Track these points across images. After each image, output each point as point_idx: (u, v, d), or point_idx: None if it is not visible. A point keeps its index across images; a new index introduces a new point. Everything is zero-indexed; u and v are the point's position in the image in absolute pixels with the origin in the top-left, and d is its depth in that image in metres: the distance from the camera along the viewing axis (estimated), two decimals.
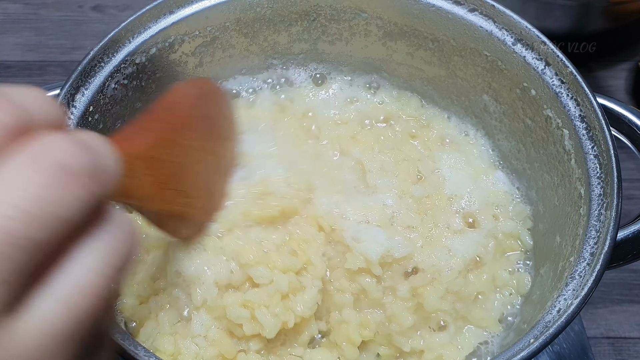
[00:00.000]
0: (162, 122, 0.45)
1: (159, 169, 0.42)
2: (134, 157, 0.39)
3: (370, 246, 0.55)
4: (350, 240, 0.55)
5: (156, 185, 0.42)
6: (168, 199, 0.45)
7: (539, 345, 0.45)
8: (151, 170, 0.41)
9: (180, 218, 0.50)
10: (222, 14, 0.66)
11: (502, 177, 0.66)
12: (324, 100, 0.71)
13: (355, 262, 0.54)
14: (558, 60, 0.59)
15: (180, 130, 0.46)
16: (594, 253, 0.51)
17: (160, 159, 0.43)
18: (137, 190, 0.40)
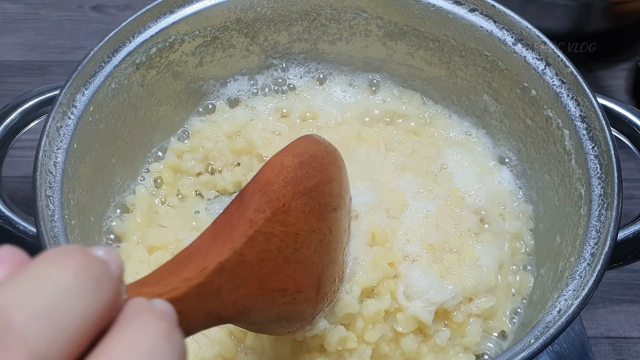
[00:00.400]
0: (253, 212, 0.36)
1: (250, 273, 0.35)
2: (216, 275, 0.32)
3: (423, 306, 0.52)
4: (401, 297, 0.53)
5: (248, 295, 0.35)
6: (265, 305, 0.37)
7: (540, 345, 0.45)
8: (240, 279, 0.34)
9: (285, 318, 0.41)
10: (222, 13, 0.66)
11: (507, 175, 0.66)
12: (324, 100, 0.71)
13: (408, 325, 0.52)
14: (558, 60, 0.59)
15: (274, 218, 0.37)
16: (594, 253, 0.51)
17: (247, 262, 0.35)
18: (228, 309, 0.33)
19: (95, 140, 0.59)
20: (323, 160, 0.43)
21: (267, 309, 0.38)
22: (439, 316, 0.54)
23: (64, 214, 0.52)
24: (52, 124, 0.54)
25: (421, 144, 0.67)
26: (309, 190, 0.40)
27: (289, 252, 0.38)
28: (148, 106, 0.65)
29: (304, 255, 0.40)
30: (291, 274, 0.39)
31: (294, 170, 0.40)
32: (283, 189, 0.38)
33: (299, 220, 0.39)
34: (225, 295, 0.33)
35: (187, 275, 0.31)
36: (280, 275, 0.38)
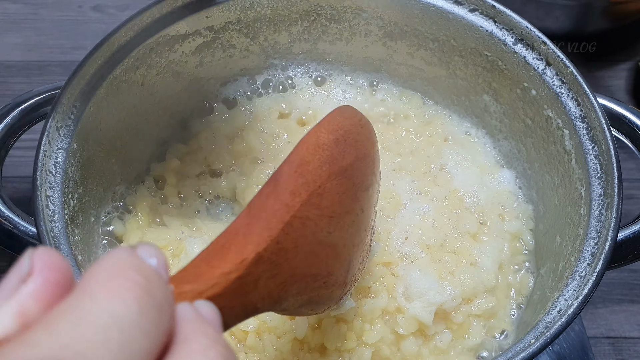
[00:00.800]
0: (289, 196, 0.34)
1: (286, 260, 0.34)
2: (254, 266, 0.31)
3: (422, 307, 0.52)
4: (401, 298, 0.53)
5: (283, 283, 0.34)
6: (298, 291, 0.36)
7: (540, 345, 0.45)
8: (276, 268, 0.33)
9: (315, 302, 0.40)
10: (222, 13, 0.65)
11: (508, 175, 0.66)
12: (324, 100, 0.71)
13: (408, 327, 0.52)
14: (558, 60, 0.59)
15: (310, 201, 0.35)
16: (594, 253, 0.51)
17: (284, 249, 0.33)
18: (264, 299, 0.32)
19: (96, 140, 0.59)
20: (357, 136, 0.41)
21: (300, 294, 0.37)
22: (439, 317, 0.54)
23: (64, 214, 0.52)
24: (52, 124, 0.54)
25: (420, 144, 0.67)
26: (344, 170, 0.38)
27: (323, 236, 0.37)
28: (148, 106, 0.65)
29: (336, 238, 0.38)
30: (324, 258, 0.38)
31: (330, 148, 0.37)
32: (319, 169, 0.36)
33: (334, 202, 0.37)
34: (262, 285, 0.32)
35: (226, 269, 0.29)
36: (313, 260, 0.36)
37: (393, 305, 0.53)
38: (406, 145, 0.66)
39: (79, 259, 0.52)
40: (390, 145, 0.66)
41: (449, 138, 0.69)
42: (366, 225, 0.44)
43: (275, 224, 0.33)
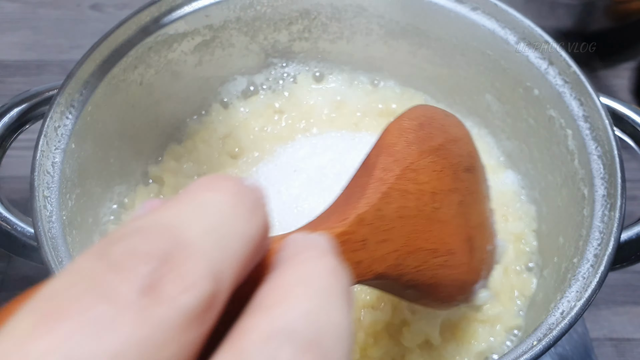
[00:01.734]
0: (381, 171, 0.36)
1: (393, 228, 0.35)
2: (357, 225, 0.32)
3: (428, 319, 0.52)
4: (406, 311, 0.52)
5: (397, 251, 0.35)
6: (418, 263, 0.37)
7: (542, 347, 0.45)
8: (384, 234, 0.34)
9: (439, 284, 0.40)
10: (221, 12, 0.65)
11: (512, 176, 0.65)
12: (324, 99, 0.71)
13: (414, 339, 0.52)
14: (561, 59, 0.58)
15: (405, 176, 0.37)
16: (597, 254, 0.50)
17: (387, 216, 0.35)
18: (380, 263, 0.34)
19: (94, 140, 0.59)
20: (443, 122, 0.42)
21: (421, 269, 0.37)
22: (445, 327, 0.54)
23: (62, 214, 0.52)
24: (49, 124, 0.53)
25: None
26: (435, 149, 0.39)
27: (429, 211, 0.38)
28: (147, 106, 0.65)
29: (446, 215, 0.39)
30: (437, 234, 0.38)
31: (415, 131, 0.39)
32: (407, 148, 0.38)
33: (432, 178, 0.38)
34: (371, 247, 0.33)
35: (330, 225, 0.32)
36: (426, 234, 0.38)
37: (398, 318, 0.53)
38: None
39: None
40: None
41: None
42: (481, 209, 0.44)
43: (371, 193, 0.34)
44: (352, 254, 0.32)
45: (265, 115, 0.68)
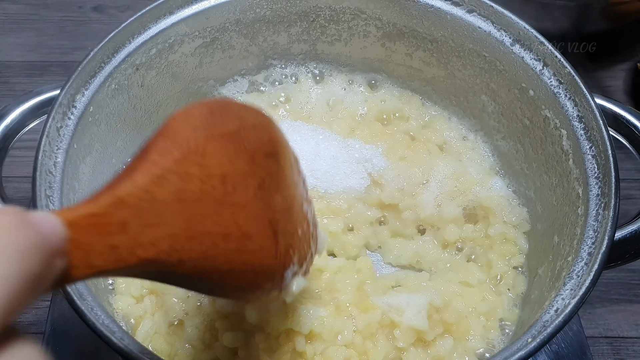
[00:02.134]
0: (156, 154, 0.35)
1: (168, 212, 0.34)
2: (113, 208, 0.31)
3: (414, 316, 0.53)
4: (393, 314, 0.53)
5: (173, 235, 0.34)
6: (204, 248, 0.36)
7: (537, 344, 0.45)
8: (154, 217, 0.33)
9: (237, 270, 0.38)
10: (221, 14, 0.66)
11: (500, 183, 0.66)
12: (323, 100, 0.72)
13: (407, 338, 0.53)
14: (556, 60, 0.59)
15: (187, 159, 0.35)
16: (591, 253, 0.51)
17: (159, 200, 0.33)
18: (146, 248, 0.32)
19: (95, 140, 0.59)
20: (240, 111, 0.41)
21: (210, 255, 0.36)
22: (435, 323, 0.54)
23: None
24: (52, 124, 0.54)
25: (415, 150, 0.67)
26: (227, 135, 0.38)
27: (219, 194, 0.36)
28: (147, 107, 0.66)
29: (241, 198, 0.38)
30: (230, 217, 0.37)
31: (203, 117, 0.38)
32: (192, 132, 0.37)
33: (223, 162, 0.37)
34: (134, 231, 0.32)
35: (78, 206, 0.31)
36: (215, 218, 0.36)
37: (388, 319, 0.54)
38: (399, 152, 0.66)
39: None
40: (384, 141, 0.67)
41: (444, 145, 0.69)
42: (287, 194, 0.43)
43: (140, 175, 0.33)
44: (105, 238, 0.31)
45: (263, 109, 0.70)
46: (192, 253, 0.35)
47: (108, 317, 0.46)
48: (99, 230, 0.31)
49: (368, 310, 0.54)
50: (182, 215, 0.34)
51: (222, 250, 0.37)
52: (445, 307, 0.55)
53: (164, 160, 0.35)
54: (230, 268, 0.38)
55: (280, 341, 0.52)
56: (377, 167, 0.63)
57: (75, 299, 0.45)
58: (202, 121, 0.38)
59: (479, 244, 0.62)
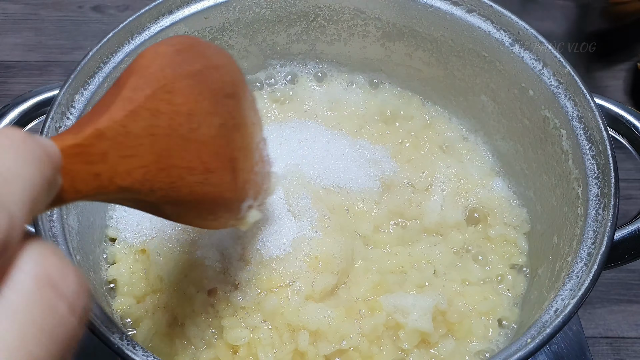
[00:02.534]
0: (130, 91, 0.37)
1: (141, 145, 0.36)
2: (95, 139, 0.34)
3: (420, 318, 0.53)
4: (398, 315, 0.53)
5: (145, 167, 0.36)
6: (171, 180, 0.38)
7: (536, 345, 0.45)
8: (129, 149, 0.35)
9: (200, 201, 0.41)
10: (221, 14, 0.66)
11: (500, 183, 0.66)
12: (322, 101, 0.72)
13: (411, 340, 0.53)
14: (556, 60, 0.59)
15: (157, 96, 0.38)
16: (591, 253, 0.51)
17: (134, 133, 0.36)
18: (123, 177, 0.35)
19: None
20: (205, 50, 0.43)
21: (177, 185, 0.38)
22: (439, 324, 0.55)
23: (62, 214, 0.52)
24: (50, 124, 0.54)
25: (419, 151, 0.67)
26: (192, 74, 0.40)
27: (185, 131, 0.39)
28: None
29: (205, 135, 0.40)
30: (195, 153, 0.40)
31: (171, 56, 0.40)
32: (160, 71, 0.38)
33: (189, 100, 0.39)
34: (113, 161, 0.34)
35: (64, 136, 0.33)
36: (182, 153, 0.39)
37: (393, 320, 0.54)
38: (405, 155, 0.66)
39: (78, 258, 0.52)
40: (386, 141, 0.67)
41: (444, 146, 0.69)
42: (246, 133, 0.45)
43: (116, 110, 0.35)
44: (89, 166, 0.33)
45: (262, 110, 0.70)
46: (161, 183, 0.38)
47: (107, 317, 0.46)
48: (83, 159, 0.33)
49: (374, 310, 0.54)
50: (153, 149, 0.37)
51: (188, 182, 0.39)
52: (448, 307, 0.55)
53: (136, 96, 0.37)
54: (194, 198, 0.40)
55: (283, 339, 0.52)
56: (387, 171, 0.63)
57: None
58: (170, 60, 0.39)
59: (480, 245, 0.62)
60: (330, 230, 0.56)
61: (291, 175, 0.59)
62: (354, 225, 0.60)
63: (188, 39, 0.44)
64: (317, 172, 0.60)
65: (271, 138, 0.62)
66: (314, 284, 0.53)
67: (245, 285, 0.53)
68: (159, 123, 0.37)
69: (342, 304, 0.54)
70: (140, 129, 0.36)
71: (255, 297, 0.53)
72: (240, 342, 0.52)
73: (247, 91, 0.48)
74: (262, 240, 0.54)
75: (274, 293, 0.53)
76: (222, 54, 0.45)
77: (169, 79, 0.38)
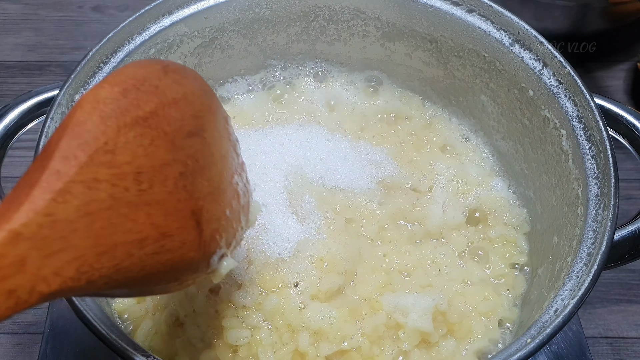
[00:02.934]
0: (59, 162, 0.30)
1: (73, 232, 0.30)
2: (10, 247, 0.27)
3: (420, 317, 0.53)
4: (397, 315, 0.53)
5: (79, 258, 0.30)
6: (115, 262, 0.32)
7: (536, 345, 0.45)
8: (57, 243, 0.29)
9: (155, 273, 0.35)
10: (221, 14, 0.66)
11: (500, 184, 0.66)
12: (322, 101, 0.72)
13: (412, 340, 0.53)
14: (556, 60, 0.59)
15: (94, 161, 0.31)
16: (591, 253, 0.51)
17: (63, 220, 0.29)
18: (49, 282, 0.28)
19: None
20: (160, 82, 0.36)
21: (126, 267, 0.32)
22: (439, 324, 0.55)
23: None
24: (50, 125, 0.54)
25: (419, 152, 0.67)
26: (143, 119, 0.34)
27: (132, 196, 0.32)
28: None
29: (159, 194, 0.34)
30: (145, 220, 0.33)
31: (115, 101, 0.33)
32: (101, 125, 0.32)
33: (137, 156, 0.33)
34: (34, 266, 0.28)
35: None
36: (128, 225, 0.32)
37: (393, 320, 0.54)
38: (406, 155, 0.66)
39: None
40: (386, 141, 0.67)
41: (446, 148, 0.69)
42: (215, 173, 0.39)
43: (39, 195, 0.29)
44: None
45: (263, 110, 0.70)
46: (102, 270, 0.31)
47: (107, 317, 0.46)
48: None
49: (374, 310, 0.54)
50: (90, 232, 0.30)
51: (138, 258, 0.33)
52: (449, 307, 0.55)
53: (66, 168, 0.30)
54: (148, 272, 0.34)
55: (283, 339, 0.52)
56: (388, 172, 0.63)
57: (74, 299, 0.45)
58: (113, 106, 0.33)
59: (480, 245, 0.62)
60: (335, 232, 0.56)
61: (294, 177, 0.59)
62: (359, 226, 0.60)
63: (140, 69, 0.36)
64: (320, 173, 0.60)
65: (272, 139, 0.63)
66: (319, 284, 0.53)
67: (249, 285, 0.53)
68: (98, 196, 0.31)
69: (346, 304, 0.54)
70: (72, 212, 0.29)
71: (257, 297, 0.53)
72: (240, 342, 0.52)
73: (216, 115, 0.40)
74: (267, 242, 0.55)
75: (275, 293, 0.53)
76: (180, 81, 0.38)
77: (112, 134, 0.32)
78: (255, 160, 0.60)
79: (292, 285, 0.53)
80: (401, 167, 0.65)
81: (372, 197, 0.61)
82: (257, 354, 0.51)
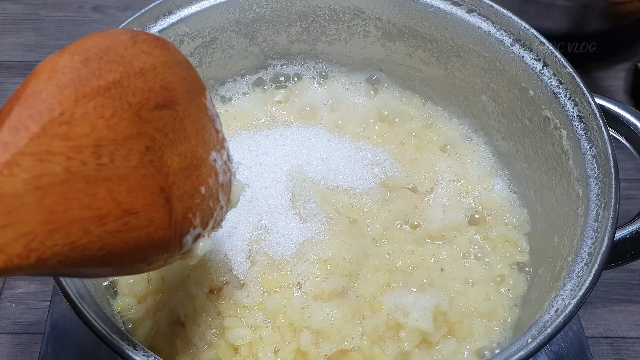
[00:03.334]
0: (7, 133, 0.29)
1: (21, 207, 0.28)
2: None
3: (420, 317, 0.53)
4: (398, 315, 0.53)
5: (28, 234, 0.28)
6: (71, 240, 0.30)
7: (537, 345, 0.45)
8: (3, 216, 0.28)
9: (118, 252, 0.33)
10: (221, 14, 0.66)
11: (501, 184, 0.66)
12: (322, 101, 0.72)
13: (412, 339, 0.53)
14: (556, 60, 0.59)
15: (47, 133, 0.30)
16: (591, 253, 0.51)
17: (8, 194, 0.28)
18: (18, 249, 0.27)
19: None
20: (126, 51, 0.34)
21: (83, 245, 0.31)
22: (439, 323, 0.55)
23: None
24: None
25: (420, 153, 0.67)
26: (104, 90, 0.32)
27: (90, 170, 0.31)
28: None
29: (122, 169, 0.32)
30: (105, 196, 0.31)
31: (74, 70, 0.31)
32: (57, 95, 0.30)
33: (97, 128, 0.31)
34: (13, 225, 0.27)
35: None
36: (84, 200, 0.30)
37: (393, 320, 0.54)
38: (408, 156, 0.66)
39: None
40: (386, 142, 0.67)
41: (447, 147, 0.69)
42: (188, 148, 0.37)
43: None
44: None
45: (264, 110, 0.70)
46: (54, 248, 0.30)
47: (107, 317, 0.46)
48: None
49: (375, 310, 0.54)
50: (40, 207, 0.29)
51: (97, 235, 0.31)
52: (449, 307, 0.55)
53: (16, 139, 0.28)
54: (109, 252, 0.32)
55: (285, 339, 0.52)
56: (389, 173, 0.63)
57: (74, 299, 0.45)
58: (72, 76, 0.31)
59: (481, 245, 0.62)
60: (339, 233, 0.56)
61: (296, 177, 0.59)
62: (363, 226, 0.60)
63: (104, 39, 0.34)
64: (322, 173, 0.60)
65: (273, 139, 0.63)
66: (323, 285, 0.53)
67: (251, 285, 0.53)
68: (50, 170, 0.29)
69: (348, 304, 0.54)
70: (20, 186, 0.28)
71: (259, 297, 0.53)
72: (241, 341, 0.52)
73: (191, 87, 0.38)
74: (269, 243, 0.54)
75: (277, 293, 0.53)
76: (151, 51, 0.36)
77: (69, 105, 0.30)
78: (257, 161, 0.60)
79: (296, 286, 0.53)
80: (402, 167, 0.65)
81: (375, 197, 0.61)
82: (258, 354, 0.51)
